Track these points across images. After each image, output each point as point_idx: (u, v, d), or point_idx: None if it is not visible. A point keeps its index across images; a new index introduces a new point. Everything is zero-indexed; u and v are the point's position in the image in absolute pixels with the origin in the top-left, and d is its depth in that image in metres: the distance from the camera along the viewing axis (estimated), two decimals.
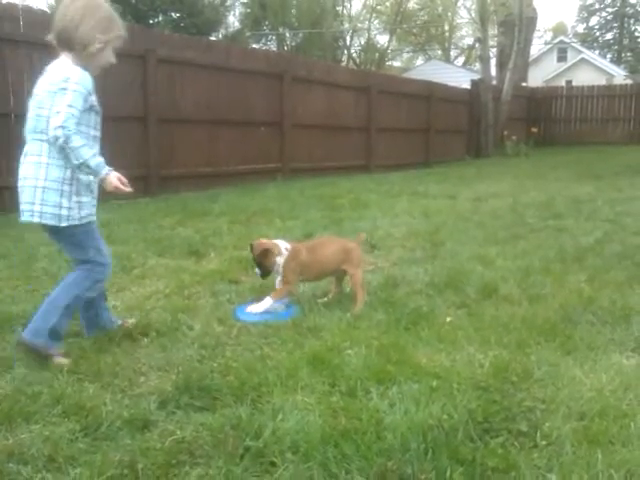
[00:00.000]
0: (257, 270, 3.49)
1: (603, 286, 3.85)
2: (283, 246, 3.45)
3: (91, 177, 2.74)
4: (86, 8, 2.68)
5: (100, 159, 2.65)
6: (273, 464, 1.89)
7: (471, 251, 4.92)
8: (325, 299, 3.63)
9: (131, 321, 3.17)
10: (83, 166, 2.61)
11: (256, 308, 3.35)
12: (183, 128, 9.05)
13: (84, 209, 2.77)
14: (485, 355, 2.73)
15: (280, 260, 3.41)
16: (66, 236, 2.79)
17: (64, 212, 2.70)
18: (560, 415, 2.19)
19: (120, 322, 3.13)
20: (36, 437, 2.04)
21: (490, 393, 2.36)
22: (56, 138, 2.55)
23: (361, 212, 7.05)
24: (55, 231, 2.77)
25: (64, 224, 2.71)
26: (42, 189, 2.67)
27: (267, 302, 3.36)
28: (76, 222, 2.74)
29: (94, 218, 2.86)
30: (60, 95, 2.59)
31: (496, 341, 2.91)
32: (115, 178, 2.66)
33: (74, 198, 2.72)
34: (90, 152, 2.60)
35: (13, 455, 1.94)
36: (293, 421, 2.10)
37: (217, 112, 9.58)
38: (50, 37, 2.72)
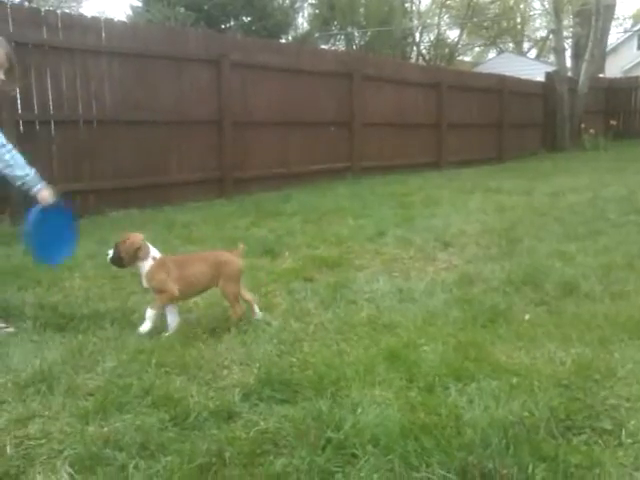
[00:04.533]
0: (111, 252, 3.20)
1: None
2: (152, 253, 3.21)
3: None
4: None
5: None
6: (354, 456, 1.93)
7: (549, 247, 4.80)
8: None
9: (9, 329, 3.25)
10: None
11: (144, 327, 3.11)
12: (256, 130, 9.22)
13: None
14: (566, 353, 2.68)
15: (144, 265, 3.18)
16: None
17: None
18: None
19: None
20: (129, 426, 2.15)
21: (572, 391, 2.32)
22: None
23: (433, 209, 7.00)
24: None
25: None
26: None
27: (150, 314, 3.12)
28: None
29: None
30: None
31: (578, 338, 2.84)
32: None
33: None
34: None
35: (109, 442, 2.06)
36: (372, 415, 2.13)
37: (288, 114, 9.72)
38: None
